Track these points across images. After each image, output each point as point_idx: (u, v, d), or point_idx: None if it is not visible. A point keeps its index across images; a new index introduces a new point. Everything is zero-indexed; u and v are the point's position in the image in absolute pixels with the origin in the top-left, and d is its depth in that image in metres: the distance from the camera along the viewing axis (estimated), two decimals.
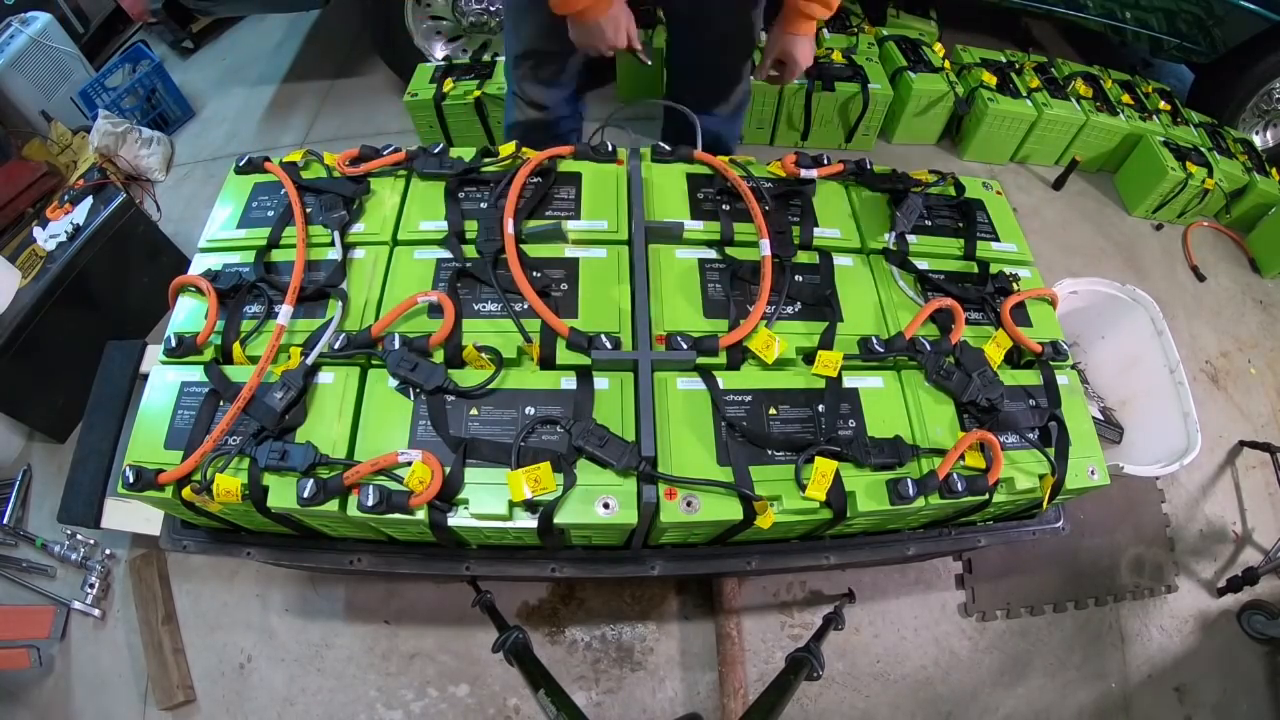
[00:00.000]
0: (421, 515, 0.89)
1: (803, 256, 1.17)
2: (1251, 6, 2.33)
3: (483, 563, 1.08)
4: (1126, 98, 2.61)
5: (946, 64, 2.50)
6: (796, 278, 1.13)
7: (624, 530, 0.96)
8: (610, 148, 1.26)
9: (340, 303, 1.03)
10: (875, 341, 1.06)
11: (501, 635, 1.19)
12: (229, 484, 0.88)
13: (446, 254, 1.10)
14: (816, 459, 0.93)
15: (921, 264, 1.20)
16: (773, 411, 0.99)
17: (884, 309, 1.13)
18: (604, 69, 2.44)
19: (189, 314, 1.07)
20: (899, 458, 0.97)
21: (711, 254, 1.15)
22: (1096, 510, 1.80)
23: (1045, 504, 1.06)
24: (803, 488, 0.92)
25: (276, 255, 1.12)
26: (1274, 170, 2.58)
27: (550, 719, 1.05)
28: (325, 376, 0.98)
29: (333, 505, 0.89)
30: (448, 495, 0.89)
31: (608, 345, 0.99)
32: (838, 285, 1.14)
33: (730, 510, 0.91)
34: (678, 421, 0.97)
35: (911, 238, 1.23)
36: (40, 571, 1.67)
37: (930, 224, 1.26)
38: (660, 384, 0.99)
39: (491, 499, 0.90)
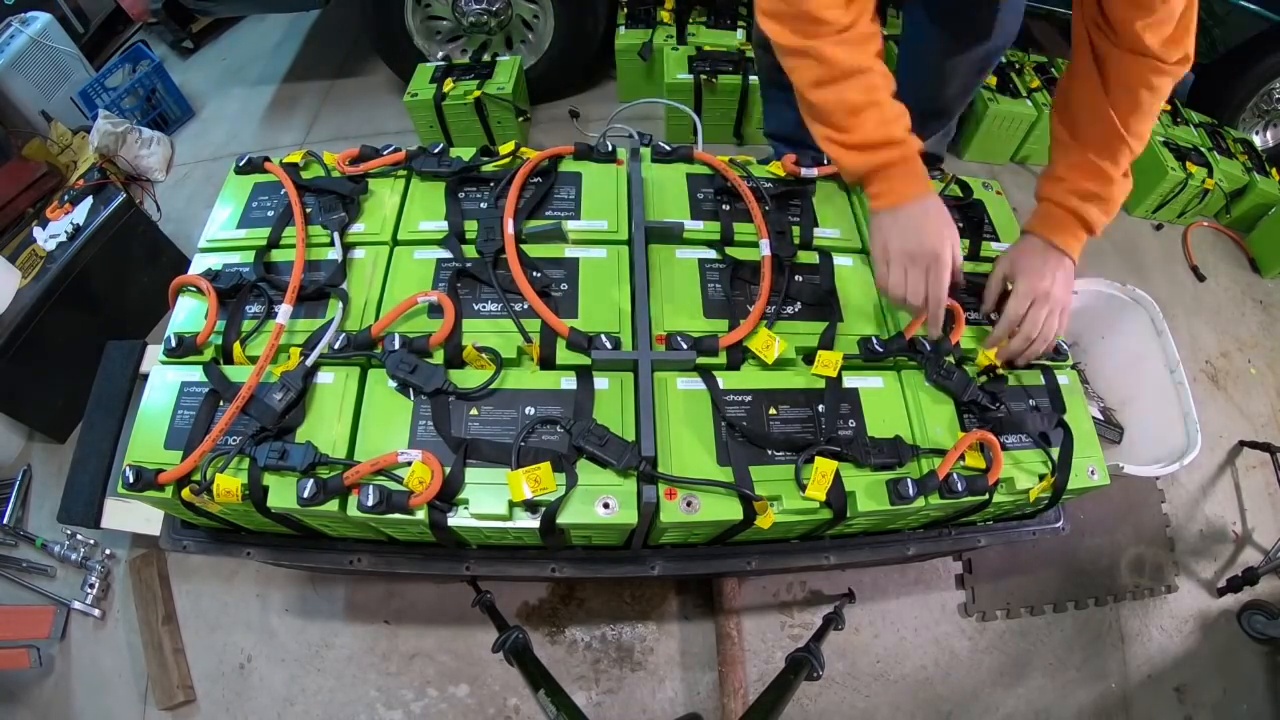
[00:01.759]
0: (421, 515, 0.89)
1: (803, 256, 1.17)
2: (1251, 6, 2.32)
3: (483, 563, 1.08)
4: None
5: None
6: (796, 278, 1.13)
7: (624, 530, 0.95)
8: (610, 147, 1.26)
9: (341, 303, 1.03)
10: (875, 341, 1.06)
11: (501, 635, 1.19)
12: (229, 484, 0.88)
13: (446, 254, 1.10)
14: (816, 459, 0.93)
15: None
16: (773, 411, 0.99)
17: (884, 309, 1.13)
18: (600, 68, 2.44)
19: (189, 314, 1.07)
20: (899, 458, 0.97)
21: (711, 254, 1.14)
22: (1096, 510, 1.79)
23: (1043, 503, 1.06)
24: (803, 488, 0.92)
25: (276, 255, 1.12)
26: (1274, 170, 2.57)
27: (550, 719, 1.05)
28: (325, 377, 0.98)
29: (333, 505, 0.89)
30: (448, 495, 0.89)
31: (608, 345, 0.99)
32: (838, 285, 1.14)
33: (730, 510, 0.91)
34: (678, 421, 0.97)
35: None
36: (40, 571, 1.67)
37: None
38: (660, 384, 0.99)
39: (491, 499, 0.90)
